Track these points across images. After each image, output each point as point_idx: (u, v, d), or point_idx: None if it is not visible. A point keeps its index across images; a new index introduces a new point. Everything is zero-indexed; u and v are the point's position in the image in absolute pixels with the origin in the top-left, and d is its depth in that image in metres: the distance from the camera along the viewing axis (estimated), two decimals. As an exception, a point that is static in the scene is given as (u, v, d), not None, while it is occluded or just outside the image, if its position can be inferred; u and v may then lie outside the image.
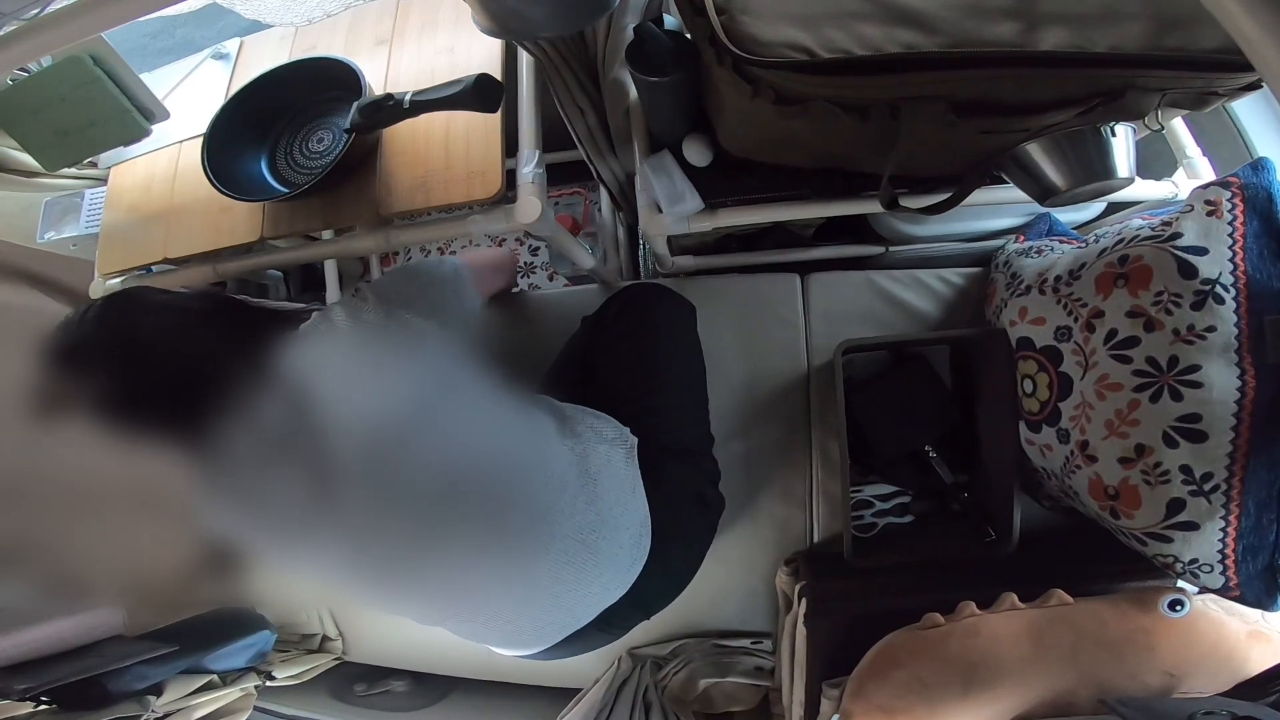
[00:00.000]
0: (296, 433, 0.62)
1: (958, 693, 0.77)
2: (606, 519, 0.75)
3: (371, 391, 0.64)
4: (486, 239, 1.84)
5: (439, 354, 0.69)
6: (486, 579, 0.73)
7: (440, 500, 0.67)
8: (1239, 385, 0.67)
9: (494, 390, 0.74)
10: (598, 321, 0.98)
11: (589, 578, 0.74)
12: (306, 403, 0.62)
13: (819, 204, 0.85)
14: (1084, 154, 0.66)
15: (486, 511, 0.70)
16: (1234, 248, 0.70)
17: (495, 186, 0.82)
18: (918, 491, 1.08)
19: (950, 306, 1.12)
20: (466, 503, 0.68)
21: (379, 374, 0.65)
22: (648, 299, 0.98)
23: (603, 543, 0.75)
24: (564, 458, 0.75)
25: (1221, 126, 0.95)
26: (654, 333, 0.94)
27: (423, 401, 0.66)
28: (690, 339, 1.00)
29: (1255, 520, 0.68)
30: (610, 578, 0.77)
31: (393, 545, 0.68)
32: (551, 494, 0.72)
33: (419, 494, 0.66)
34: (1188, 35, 0.57)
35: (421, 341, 0.68)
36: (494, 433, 0.72)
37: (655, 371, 0.90)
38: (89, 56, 0.80)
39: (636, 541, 0.78)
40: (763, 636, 1.15)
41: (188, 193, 0.94)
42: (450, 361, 0.70)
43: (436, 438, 0.67)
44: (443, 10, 0.96)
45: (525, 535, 0.71)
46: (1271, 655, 0.75)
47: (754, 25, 0.60)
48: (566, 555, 0.73)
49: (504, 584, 0.73)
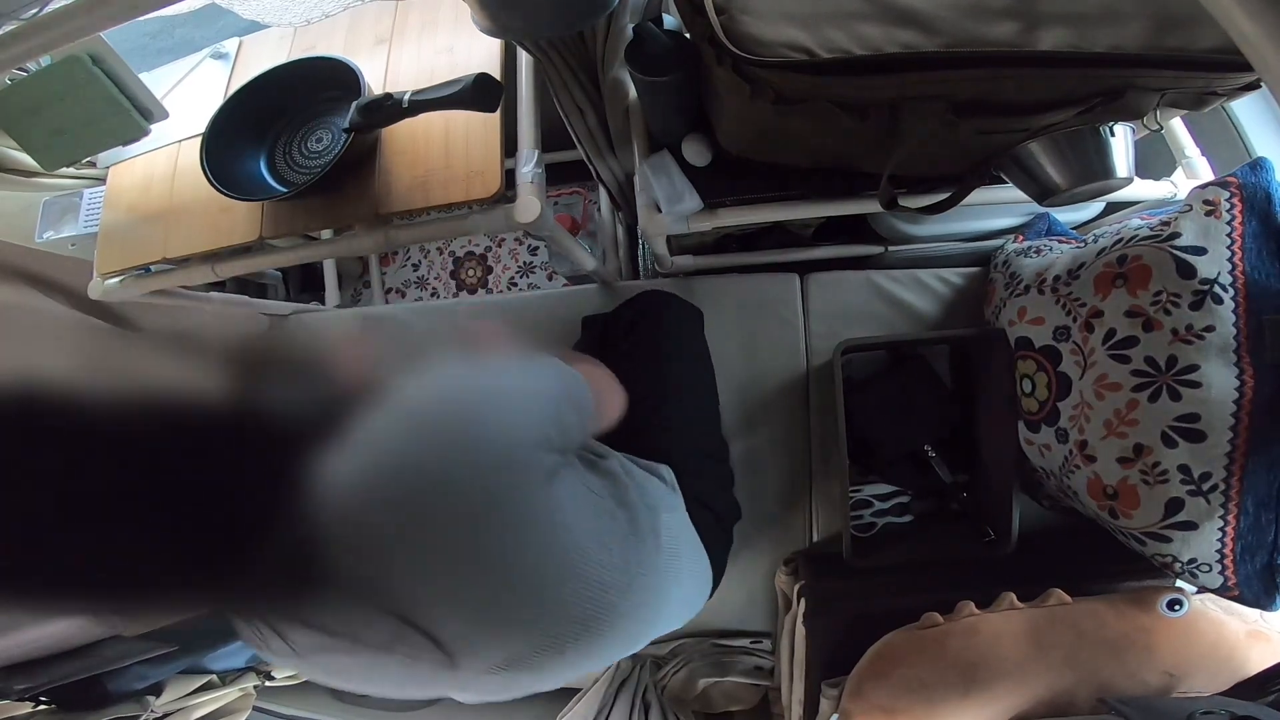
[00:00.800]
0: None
1: (957, 692, 0.77)
2: (684, 581, 0.73)
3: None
4: (487, 238, 1.84)
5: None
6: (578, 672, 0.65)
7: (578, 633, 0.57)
8: (1237, 385, 0.67)
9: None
10: (608, 331, 0.99)
11: (656, 631, 0.71)
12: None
13: (818, 204, 0.85)
14: (1083, 154, 0.66)
15: (611, 635, 0.60)
16: (1232, 247, 0.70)
17: (494, 186, 0.82)
18: (917, 491, 1.08)
19: (949, 306, 1.12)
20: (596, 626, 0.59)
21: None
22: (660, 309, 0.98)
23: (684, 610, 0.75)
24: (651, 557, 0.67)
25: (1220, 126, 0.95)
26: (666, 344, 0.95)
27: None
28: (701, 348, 1.01)
29: (1254, 520, 0.68)
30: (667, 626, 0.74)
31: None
32: (650, 595, 0.65)
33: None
34: (1187, 35, 0.57)
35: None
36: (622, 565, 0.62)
37: (669, 385, 0.91)
38: (88, 56, 0.80)
39: (701, 591, 0.78)
40: (762, 636, 1.15)
41: (187, 192, 0.94)
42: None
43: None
44: (442, 10, 0.96)
45: (630, 643, 0.66)
46: (1270, 655, 0.75)
47: (753, 25, 0.60)
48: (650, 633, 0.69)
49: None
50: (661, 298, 1.01)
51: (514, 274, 1.81)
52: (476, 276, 1.83)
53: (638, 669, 1.14)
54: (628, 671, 1.13)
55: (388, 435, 0.48)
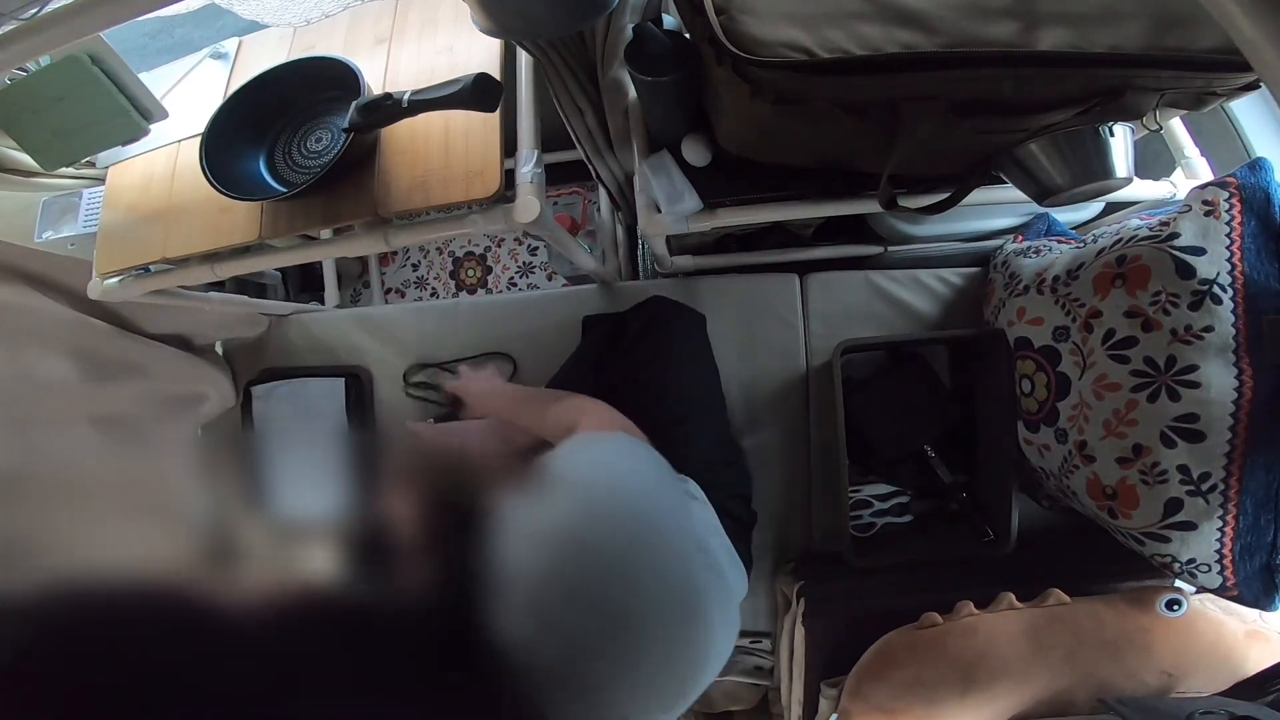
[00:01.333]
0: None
1: (956, 692, 0.77)
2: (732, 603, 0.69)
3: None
4: (486, 238, 1.84)
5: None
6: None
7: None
8: (1237, 385, 0.67)
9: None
10: (615, 341, 0.99)
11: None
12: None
13: (818, 204, 0.85)
14: (1082, 154, 0.66)
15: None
16: (1232, 248, 0.70)
17: (494, 186, 0.82)
18: (916, 491, 1.08)
19: (949, 306, 1.12)
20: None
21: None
22: (669, 318, 0.98)
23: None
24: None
25: (1220, 126, 0.95)
26: (680, 356, 0.95)
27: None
28: (709, 356, 1.01)
29: (1253, 520, 0.68)
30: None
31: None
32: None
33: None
34: (1187, 35, 0.57)
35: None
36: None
37: (686, 398, 0.91)
38: (87, 56, 0.79)
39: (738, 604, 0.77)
40: (762, 636, 1.15)
41: (186, 192, 0.94)
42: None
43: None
44: (442, 10, 0.95)
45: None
46: (1269, 655, 0.76)
47: (753, 25, 0.60)
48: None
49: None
50: (670, 307, 1.01)
51: (514, 274, 1.81)
52: (476, 276, 1.83)
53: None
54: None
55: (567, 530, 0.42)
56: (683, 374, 0.93)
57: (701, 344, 1.01)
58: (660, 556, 0.45)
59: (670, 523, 0.47)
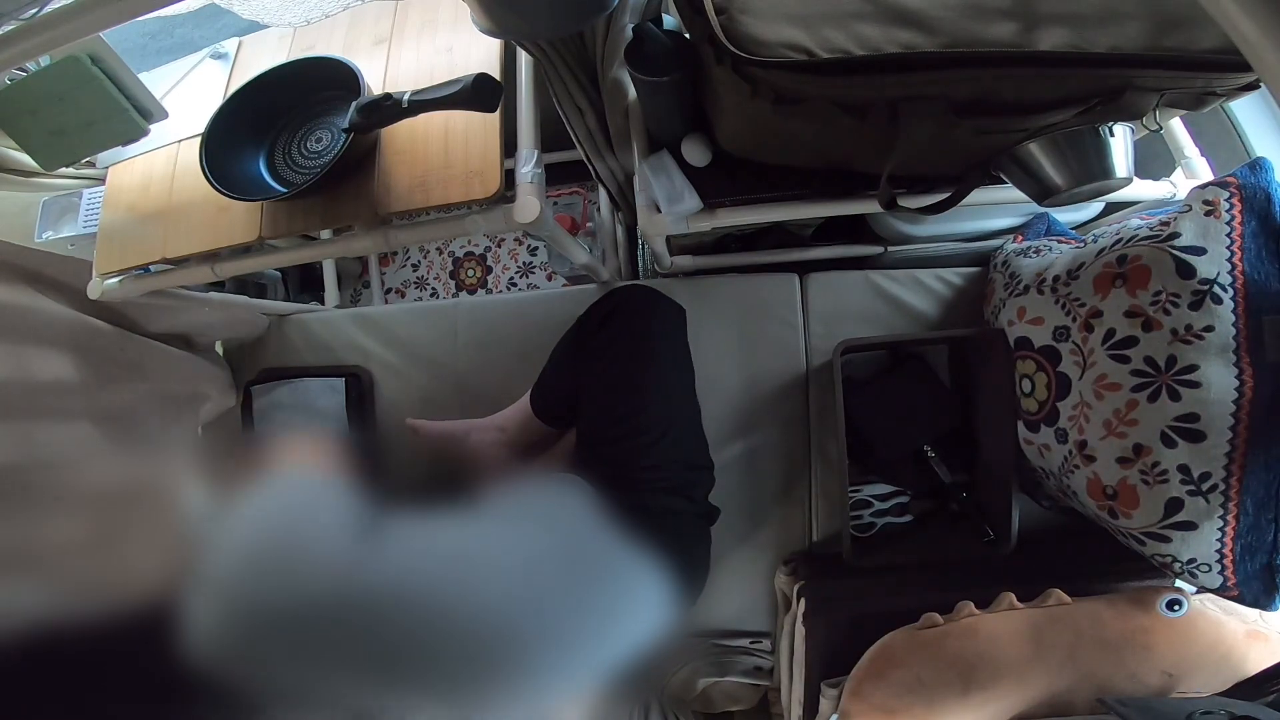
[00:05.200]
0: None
1: (956, 692, 0.77)
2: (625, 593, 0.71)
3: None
4: (486, 238, 1.84)
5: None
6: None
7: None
8: (1237, 385, 0.67)
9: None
10: (583, 330, 0.94)
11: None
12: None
13: (818, 204, 0.85)
14: (1082, 154, 0.66)
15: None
16: (1232, 247, 0.70)
17: (494, 186, 0.82)
18: (916, 491, 1.08)
19: (949, 306, 1.12)
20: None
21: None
22: (635, 305, 0.92)
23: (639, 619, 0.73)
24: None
25: (1219, 126, 0.95)
26: (642, 343, 0.89)
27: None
28: (680, 347, 0.95)
29: (1253, 520, 0.68)
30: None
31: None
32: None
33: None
34: (1187, 35, 0.57)
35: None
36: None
37: (644, 388, 0.86)
38: (87, 56, 0.79)
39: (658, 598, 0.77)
40: (762, 636, 1.15)
41: (186, 192, 0.94)
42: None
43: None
44: (442, 10, 0.95)
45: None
46: (1269, 655, 0.76)
47: (753, 25, 0.60)
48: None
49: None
50: (639, 294, 0.94)
51: (513, 274, 1.81)
52: (476, 277, 1.83)
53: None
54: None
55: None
56: (662, 379, 0.88)
57: (681, 342, 0.95)
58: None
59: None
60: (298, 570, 0.46)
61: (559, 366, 0.99)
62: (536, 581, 0.62)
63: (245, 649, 0.42)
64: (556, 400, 0.99)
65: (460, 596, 0.54)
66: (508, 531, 0.66)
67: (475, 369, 1.22)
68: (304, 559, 0.47)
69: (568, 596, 0.64)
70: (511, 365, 1.19)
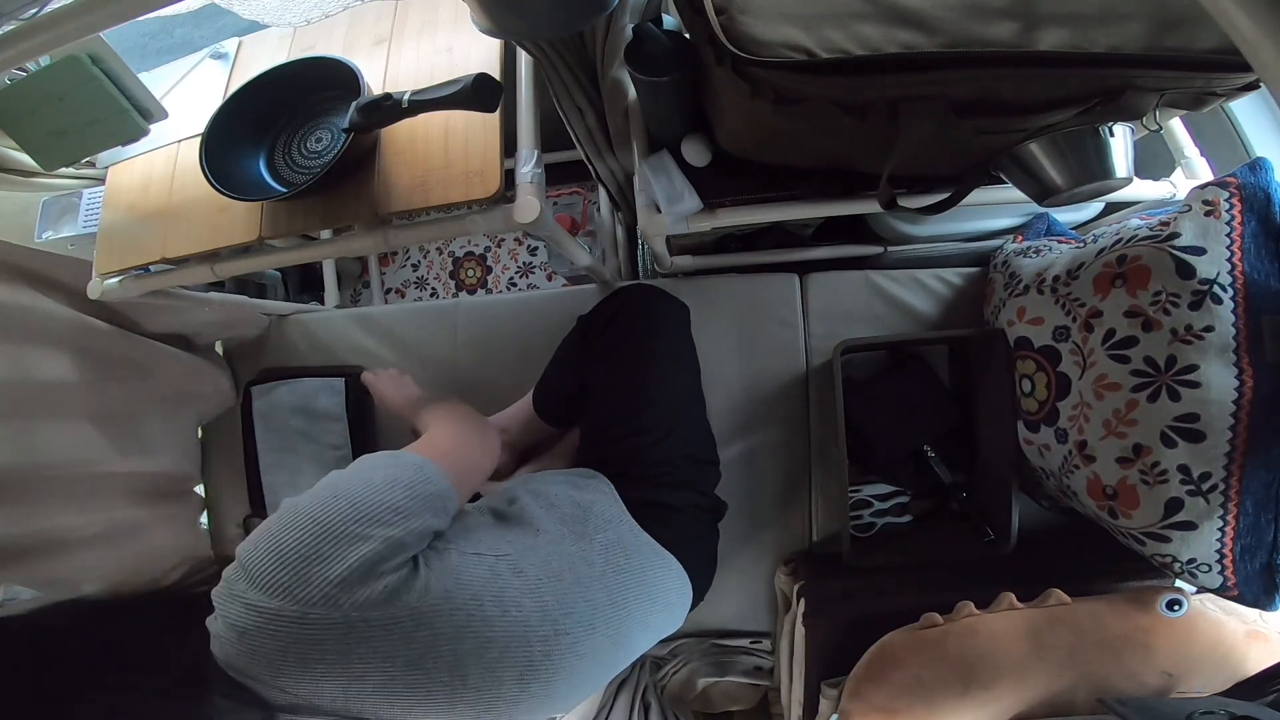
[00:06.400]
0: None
1: (956, 693, 0.77)
2: (646, 591, 0.76)
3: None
4: (486, 238, 1.84)
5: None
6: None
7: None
8: (1237, 385, 0.67)
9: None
10: (588, 330, 0.95)
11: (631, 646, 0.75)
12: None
13: (818, 204, 0.85)
14: (1082, 154, 0.66)
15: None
16: (1232, 248, 0.70)
17: (494, 186, 0.82)
18: (916, 491, 1.08)
19: (949, 306, 1.12)
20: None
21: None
22: (640, 305, 0.93)
23: (664, 617, 0.78)
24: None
25: (1219, 127, 0.95)
26: (647, 342, 0.90)
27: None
28: (685, 345, 0.96)
29: (1253, 520, 0.68)
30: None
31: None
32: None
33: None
34: (1187, 35, 0.57)
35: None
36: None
37: (650, 386, 0.87)
38: (87, 56, 0.79)
39: (680, 592, 0.80)
40: (762, 636, 1.15)
41: (186, 192, 0.94)
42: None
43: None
44: (442, 10, 0.95)
45: (603, 667, 0.72)
46: (1269, 655, 0.76)
47: (753, 25, 0.60)
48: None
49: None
50: (645, 292, 0.95)
51: (513, 274, 1.81)
52: (476, 277, 1.83)
53: (637, 669, 1.14)
54: (627, 672, 1.13)
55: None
56: (667, 377, 0.89)
57: (686, 340, 0.96)
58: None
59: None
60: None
61: (562, 366, 0.99)
62: (576, 594, 0.65)
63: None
64: (560, 400, 1.00)
65: (501, 609, 0.59)
66: (543, 541, 0.69)
67: (475, 369, 1.22)
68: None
69: (608, 612, 0.68)
70: (511, 365, 1.19)
